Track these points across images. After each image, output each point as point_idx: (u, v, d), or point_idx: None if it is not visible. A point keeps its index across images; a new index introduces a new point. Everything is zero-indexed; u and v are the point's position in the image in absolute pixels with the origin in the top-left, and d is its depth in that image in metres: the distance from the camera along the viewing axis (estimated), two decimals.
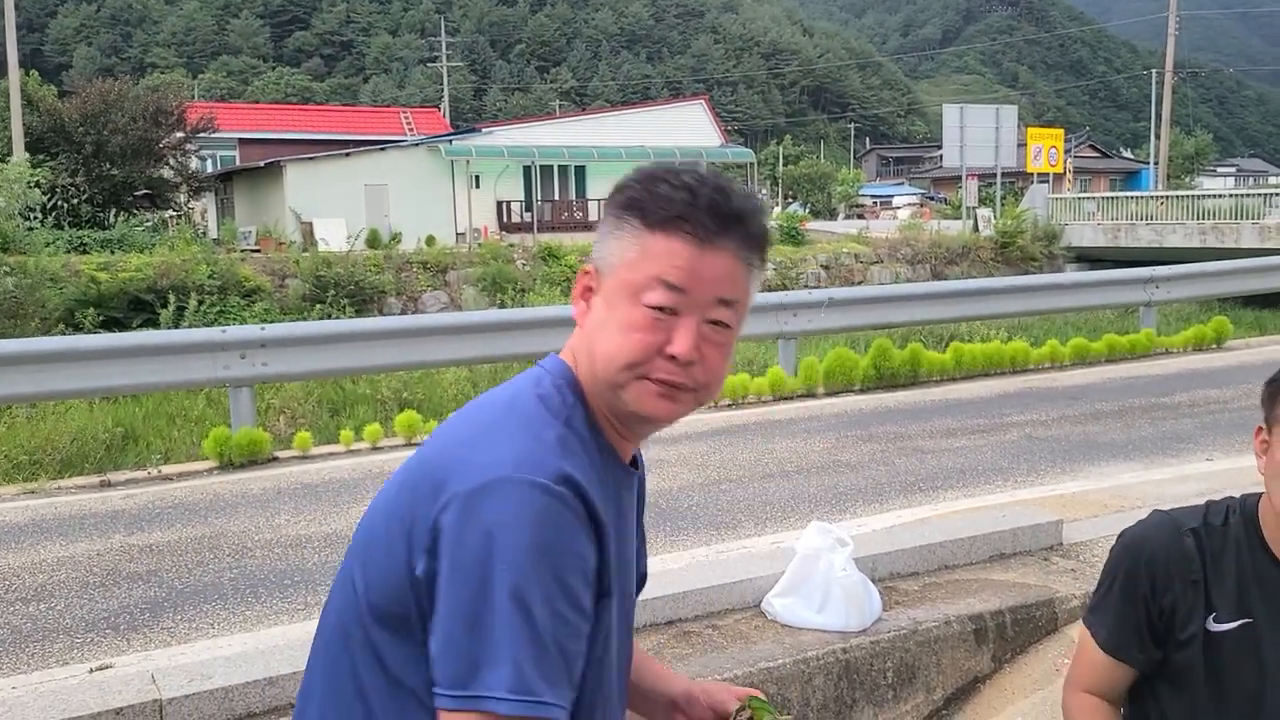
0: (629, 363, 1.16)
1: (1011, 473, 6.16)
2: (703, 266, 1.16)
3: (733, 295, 1.18)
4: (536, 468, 1.11)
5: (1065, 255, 25.29)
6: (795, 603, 3.84)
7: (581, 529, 1.11)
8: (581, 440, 1.18)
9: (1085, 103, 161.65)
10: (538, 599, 1.07)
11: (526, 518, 1.08)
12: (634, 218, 1.18)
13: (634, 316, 1.16)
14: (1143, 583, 1.73)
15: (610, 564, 1.17)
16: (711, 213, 1.16)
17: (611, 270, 1.19)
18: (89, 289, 15.47)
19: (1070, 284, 12.42)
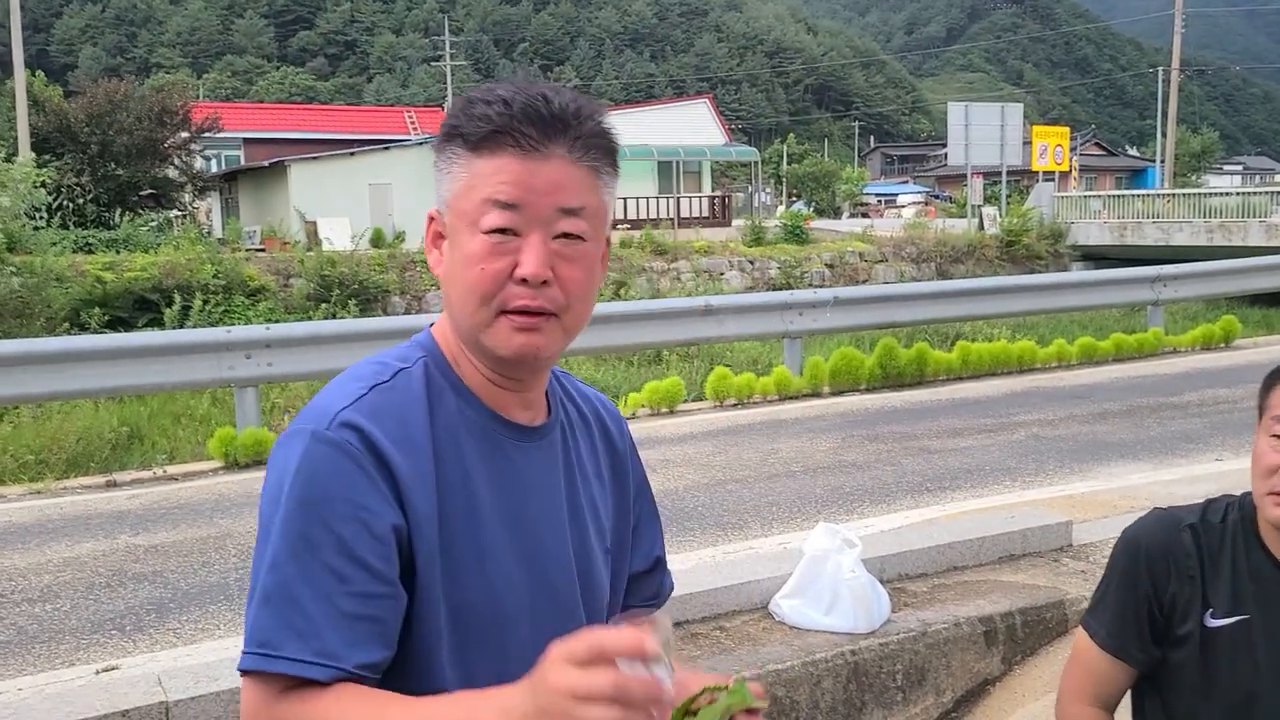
0: (482, 295, 1.09)
1: (1019, 473, 6.14)
2: (533, 177, 1.08)
3: (576, 203, 1.09)
4: (320, 418, 1.07)
5: (1071, 254, 25.22)
6: (803, 604, 3.82)
7: (363, 480, 1.04)
8: (412, 396, 1.11)
9: (1091, 100, 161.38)
10: (298, 550, 1.02)
11: (294, 469, 1.04)
12: (457, 145, 1.10)
13: (474, 247, 1.09)
14: (1142, 579, 1.73)
15: (443, 523, 1.08)
16: (531, 119, 1.08)
17: (448, 206, 1.12)
18: (94, 289, 15.48)
19: (1076, 283, 12.38)
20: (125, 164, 25.02)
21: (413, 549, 1.07)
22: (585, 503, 1.22)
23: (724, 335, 9.87)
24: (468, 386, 1.15)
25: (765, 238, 25.76)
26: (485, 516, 1.12)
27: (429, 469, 1.09)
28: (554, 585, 1.17)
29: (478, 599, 1.10)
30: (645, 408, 8.51)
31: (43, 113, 25.08)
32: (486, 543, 1.12)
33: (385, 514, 1.05)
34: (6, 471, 7.34)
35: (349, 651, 1.00)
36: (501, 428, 1.15)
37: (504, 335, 1.10)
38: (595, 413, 1.30)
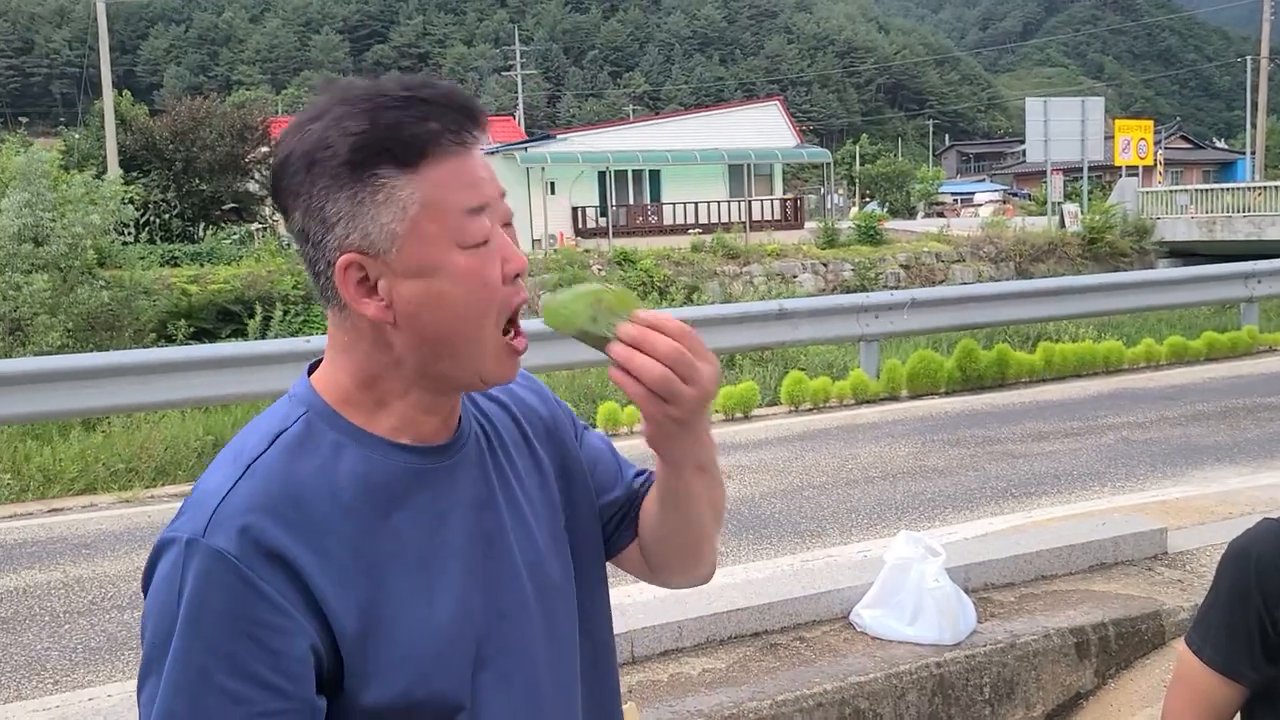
0: (498, 312, 0.99)
1: (1109, 478, 5.93)
2: (477, 171, 0.98)
3: (503, 187, 1.02)
4: (196, 521, 0.93)
5: (1157, 250, 24.49)
6: (885, 614, 3.72)
7: (253, 595, 0.91)
8: (302, 463, 0.98)
9: (1175, 92, 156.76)
10: (189, 683, 0.90)
11: (176, 591, 0.91)
12: (386, 166, 0.94)
13: (466, 263, 0.96)
14: (1253, 594, 1.62)
15: (370, 604, 0.97)
16: (452, 107, 0.97)
17: (398, 238, 0.95)
18: (180, 301, 15.96)
19: (1164, 280, 11.98)
20: (208, 179, 25.74)
21: (338, 649, 0.96)
22: (519, 485, 1.12)
23: (799, 339, 9.75)
24: (369, 430, 1.02)
25: (838, 240, 25.48)
26: (422, 565, 1.01)
27: (340, 540, 0.97)
28: (537, 590, 1.09)
29: (420, 675, 0.99)
30: (719, 413, 8.43)
31: (130, 131, 25.93)
32: (427, 594, 1.01)
33: (287, 629, 0.93)
34: (99, 480, 7.54)
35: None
36: (419, 458, 1.03)
37: (509, 360, 1.02)
38: (503, 402, 1.17)
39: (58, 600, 4.76)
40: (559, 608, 1.12)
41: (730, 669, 3.49)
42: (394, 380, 1.01)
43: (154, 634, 0.93)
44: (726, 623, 3.72)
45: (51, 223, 12.98)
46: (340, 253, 0.96)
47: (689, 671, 3.47)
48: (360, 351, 1.01)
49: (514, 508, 1.10)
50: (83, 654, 4.13)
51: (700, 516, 1.15)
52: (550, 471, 1.17)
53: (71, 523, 6.22)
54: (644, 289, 19.80)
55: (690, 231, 28.54)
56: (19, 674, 3.97)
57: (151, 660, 0.93)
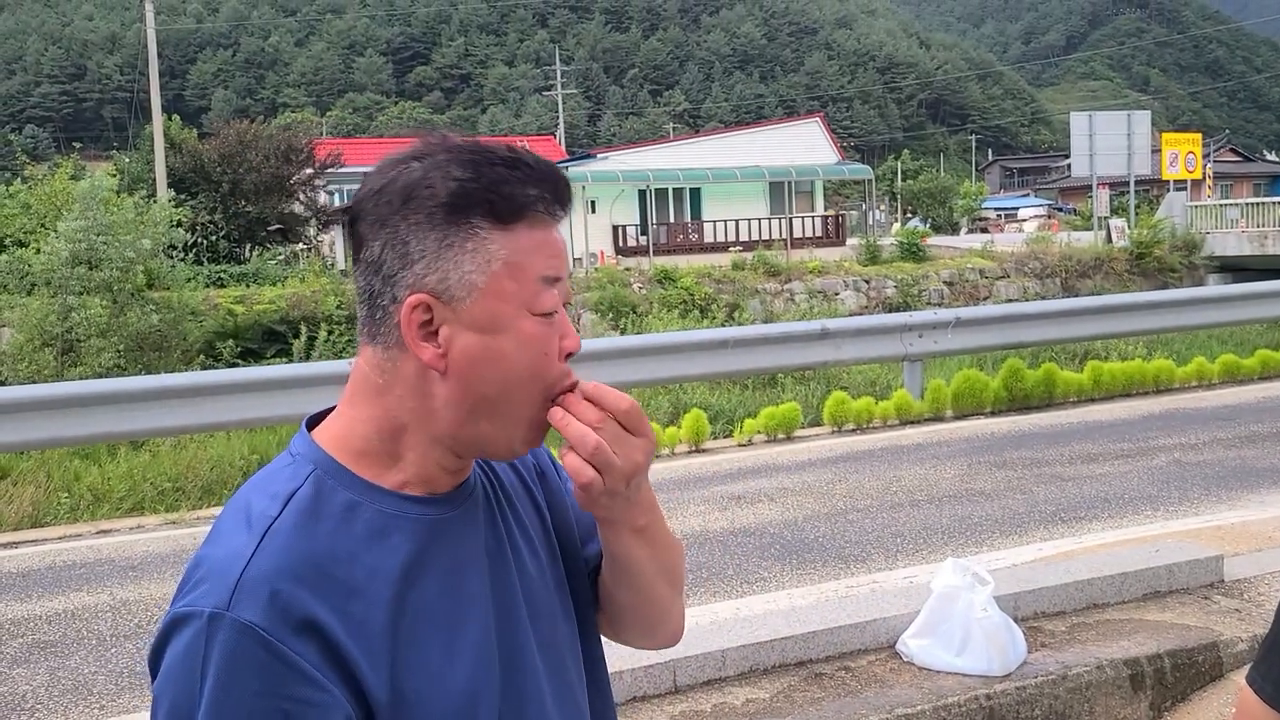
0: (548, 384, 0.98)
1: (1162, 501, 5.80)
2: (558, 245, 1.00)
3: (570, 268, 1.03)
4: (217, 592, 0.89)
5: (1207, 265, 24.04)
6: (933, 644, 3.65)
7: (285, 670, 0.88)
8: (319, 522, 0.95)
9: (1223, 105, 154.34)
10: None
11: (199, 672, 0.87)
12: (482, 218, 0.95)
13: (530, 330, 0.97)
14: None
15: (398, 666, 0.94)
16: (552, 183, 0.99)
17: (476, 289, 0.95)
18: (226, 321, 16.18)
19: (1214, 297, 11.73)
20: (254, 201, 26.14)
21: (372, 716, 0.93)
22: (521, 535, 1.10)
23: (841, 359, 9.66)
24: (381, 485, 0.99)
25: (881, 256, 25.30)
26: (443, 617, 0.99)
27: (364, 603, 0.94)
28: (539, 634, 1.07)
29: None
30: (762, 434, 8.37)
31: (179, 154, 26.42)
32: (449, 647, 0.99)
33: (324, 703, 0.89)
34: (146, 500, 7.64)
35: None
36: (432, 509, 1.01)
37: (541, 432, 1.01)
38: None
39: (105, 623, 4.81)
40: (566, 655, 1.10)
41: (774, 699, 3.43)
42: (420, 433, 0.99)
43: (170, 715, 0.88)
44: (770, 651, 3.66)
45: (105, 246, 13.23)
46: (412, 291, 0.96)
47: (733, 701, 3.42)
48: (394, 397, 0.98)
49: (518, 556, 1.08)
50: (129, 678, 4.16)
51: (645, 579, 1.12)
52: (547, 517, 1.15)
53: (119, 544, 6.30)
54: (685, 307, 19.76)
55: (731, 249, 28.49)
56: (66, 698, 4.01)
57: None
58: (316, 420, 1.04)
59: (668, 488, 6.75)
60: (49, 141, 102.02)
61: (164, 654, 0.90)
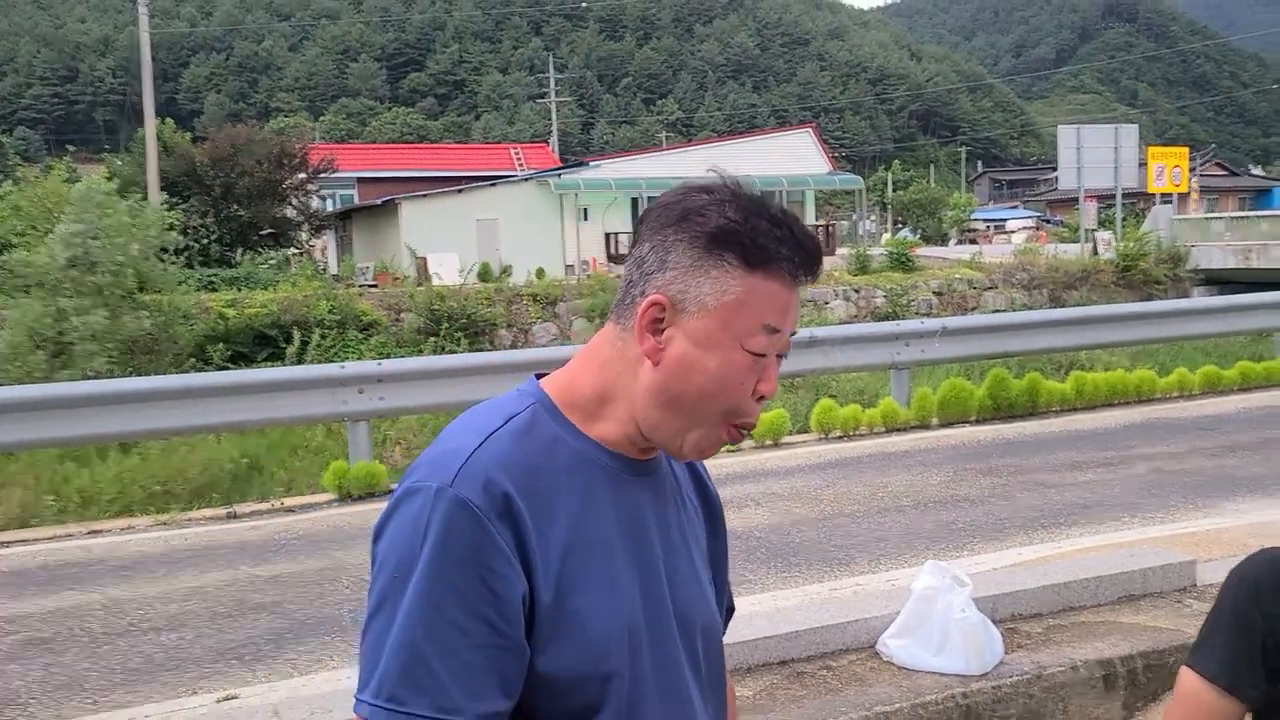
0: (730, 406, 1.13)
1: (1141, 509, 5.90)
2: (791, 307, 1.15)
3: (796, 327, 1.18)
4: (442, 473, 1.08)
5: (1192, 278, 24.22)
6: (912, 644, 3.73)
7: (489, 543, 1.07)
8: (530, 440, 1.13)
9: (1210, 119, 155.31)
10: (425, 610, 1.04)
11: (423, 529, 1.06)
12: (732, 254, 1.12)
13: (738, 360, 1.12)
14: (1256, 618, 1.69)
15: (563, 577, 1.10)
16: (806, 251, 1.14)
17: (705, 309, 1.12)
18: (217, 325, 16.16)
19: (1196, 309, 11.88)
20: (247, 205, 26.16)
21: (534, 608, 1.10)
22: (690, 533, 1.27)
23: (830, 367, 9.76)
24: (584, 430, 1.17)
25: (870, 266, 25.43)
26: (610, 554, 1.14)
27: (552, 514, 1.12)
28: (680, 607, 1.20)
29: (594, 652, 1.11)
30: (750, 440, 8.46)
31: (171, 157, 26.42)
32: (612, 581, 1.14)
33: (510, 577, 1.07)
34: (136, 501, 7.69)
35: (470, 703, 1.05)
36: (623, 465, 1.18)
37: (708, 442, 1.15)
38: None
39: (96, 621, 4.87)
40: (700, 640, 1.23)
41: (757, 696, 3.51)
42: (622, 406, 1.16)
43: (395, 569, 1.07)
44: (754, 650, 3.75)
45: (99, 249, 13.26)
46: (658, 290, 1.14)
47: None
48: (614, 370, 1.17)
49: (682, 539, 1.25)
50: (121, 675, 4.22)
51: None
52: (705, 542, 1.32)
53: (110, 544, 6.35)
54: None
55: None
56: (59, 694, 4.06)
57: (389, 593, 1.07)
58: (541, 376, 1.24)
59: None
60: (41, 144, 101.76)
61: (392, 519, 1.10)
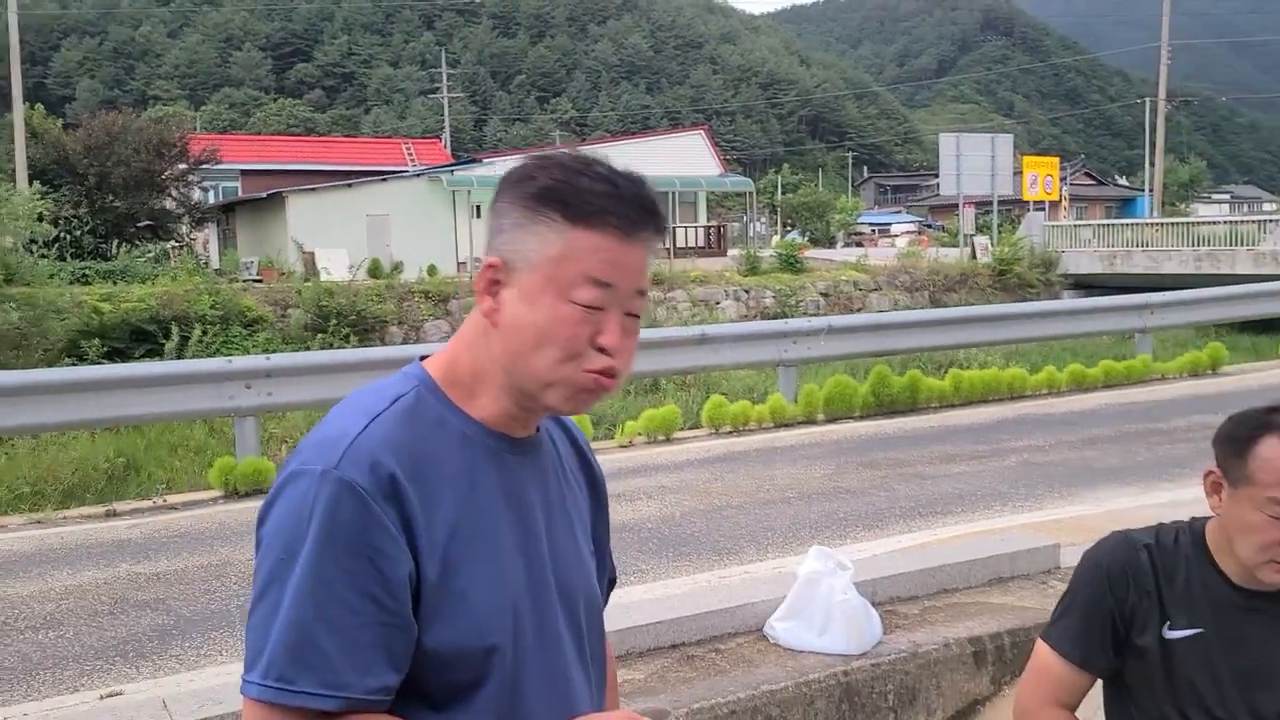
0: (568, 354, 1.14)
1: (1010, 498, 6.22)
2: (625, 260, 1.15)
3: (646, 286, 1.19)
4: (328, 455, 1.11)
5: (1062, 282, 25.42)
6: (797, 626, 3.89)
7: (374, 523, 1.09)
8: (415, 422, 1.16)
9: (1080, 131, 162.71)
10: (313, 589, 1.07)
11: (309, 510, 1.09)
12: (554, 211, 1.14)
13: (565, 312, 1.14)
14: (1105, 595, 1.87)
15: (447, 555, 1.14)
16: (635, 205, 1.15)
17: (531, 265, 1.15)
18: (92, 320, 15.53)
19: (1066, 311, 12.52)
20: (123, 195, 25.18)
21: (420, 585, 1.12)
22: (572, 507, 1.31)
23: (720, 363, 9.97)
24: (466, 410, 1.20)
25: (760, 267, 25.93)
26: (495, 532, 1.18)
27: (437, 495, 1.15)
28: (562, 581, 1.24)
29: (477, 627, 1.15)
30: (642, 436, 8.59)
31: (41, 145, 25.26)
32: (496, 558, 1.17)
33: (396, 557, 1.10)
34: (3, 503, 7.38)
35: (359, 679, 1.08)
36: (504, 444, 1.21)
37: (568, 397, 1.16)
38: (567, 427, 1.38)
39: None
40: (583, 613, 1.28)
41: (648, 679, 3.62)
42: (493, 379, 1.19)
43: (282, 551, 1.10)
44: (645, 635, 3.85)
45: None
46: (491, 254, 1.19)
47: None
48: (480, 345, 1.20)
49: (564, 514, 1.28)
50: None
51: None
52: (589, 515, 1.37)
53: None
54: None
55: None
56: None
57: (275, 576, 1.09)
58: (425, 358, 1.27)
59: None
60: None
61: (277, 502, 1.13)
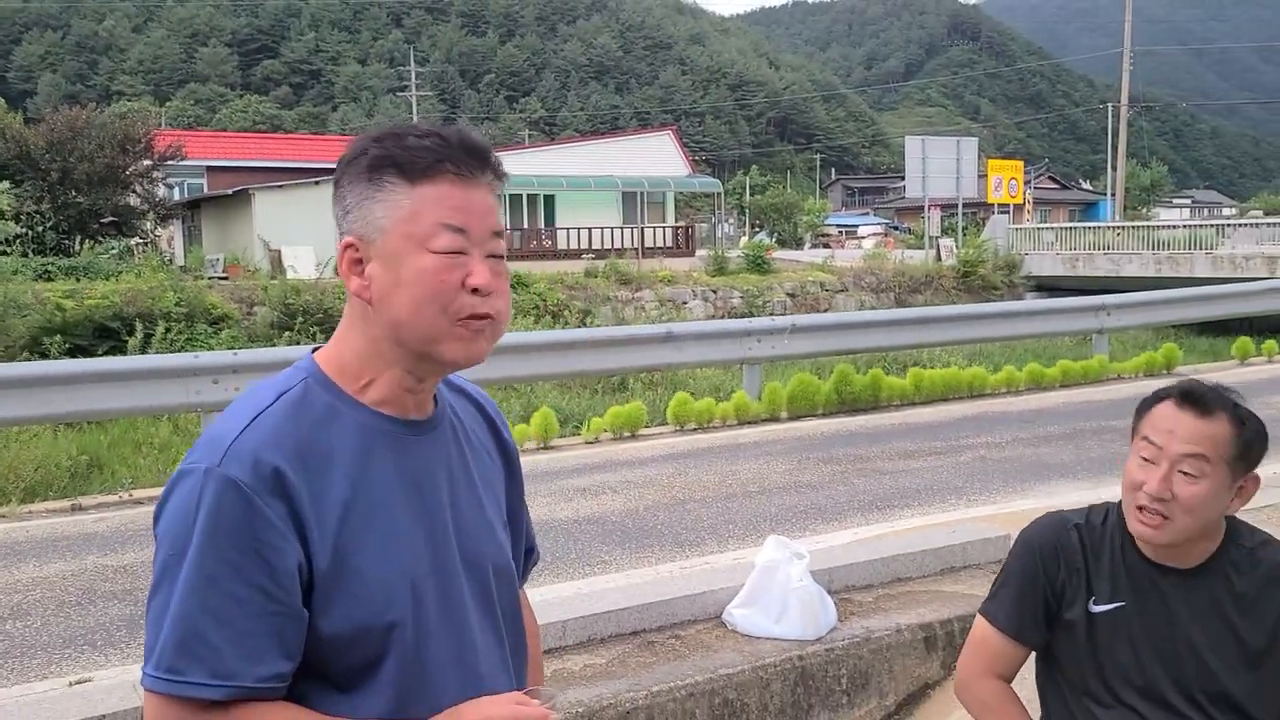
0: (441, 305, 1.18)
1: (966, 492, 6.38)
2: (471, 203, 1.20)
3: (499, 226, 1.24)
4: (212, 453, 1.15)
5: (1025, 284, 25.79)
6: (754, 613, 4.01)
7: (258, 517, 1.13)
8: (301, 415, 1.19)
9: (1045, 135, 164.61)
10: (200, 585, 1.11)
11: (194, 509, 1.13)
12: (392, 175, 1.19)
13: (428, 263, 1.18)
14: (1038, 572, 2.00)
15: (340, 539, 1.17)
16: (466, 151, 1.21)
17: (385, 231, 1.19)
18: (54, 316, 15.39)
19: (1025, 311, 12.76)
20: (86, 191, 24.91)
21: (312, 574, 1.16)
22: (481, 480, 1.34)
23: (685, 361, 10.09)
24: (357, 398, 1.23)
25: (728, 268, 26.11)
26: (392, 512, 1.21)
27: (328, 483, 1.18)
28: (468, 552, 1.28)
29: (375, 606, 1.19)
30: (608, 432, 8.68)
31: (2, 139, 24.94)
32: (393, 537, 1.21)
33: (283, 548, 1.14)
34: None
35: (249, 668, 1.13)
36: (399, 427, 1.25)
37: (458, 343, 1.20)
38: (478, 403, 1.42)
39: None
40: (494, 583, 1.33)
41: (609, 664, 3.72)
42: (380, 358, 1.23)
43: (171, 547, 1.14)
44: (607, 622, 3.95)
45: None
46: (345, 235, 1.22)
47: (571, 667, 3.69)
48: (359, 329, 1.24)
49: (470, 488, 1.32)
50: None
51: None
52: (503, 485, 1.41)
53: None
54: (538, 313, 19.95)
55: (584, 256, 28.84)
56: None
57: (166, 571, 1.14)
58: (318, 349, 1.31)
59: None
60: None
61: (168, 501, 1.17)
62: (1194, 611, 1.90)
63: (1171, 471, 1.83)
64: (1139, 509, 1.87)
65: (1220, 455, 1.82)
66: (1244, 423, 1.85)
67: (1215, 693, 1.88)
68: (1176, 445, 1.84)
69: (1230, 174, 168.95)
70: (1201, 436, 1.83)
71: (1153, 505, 1.84)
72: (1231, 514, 1.91)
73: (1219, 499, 1.84)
